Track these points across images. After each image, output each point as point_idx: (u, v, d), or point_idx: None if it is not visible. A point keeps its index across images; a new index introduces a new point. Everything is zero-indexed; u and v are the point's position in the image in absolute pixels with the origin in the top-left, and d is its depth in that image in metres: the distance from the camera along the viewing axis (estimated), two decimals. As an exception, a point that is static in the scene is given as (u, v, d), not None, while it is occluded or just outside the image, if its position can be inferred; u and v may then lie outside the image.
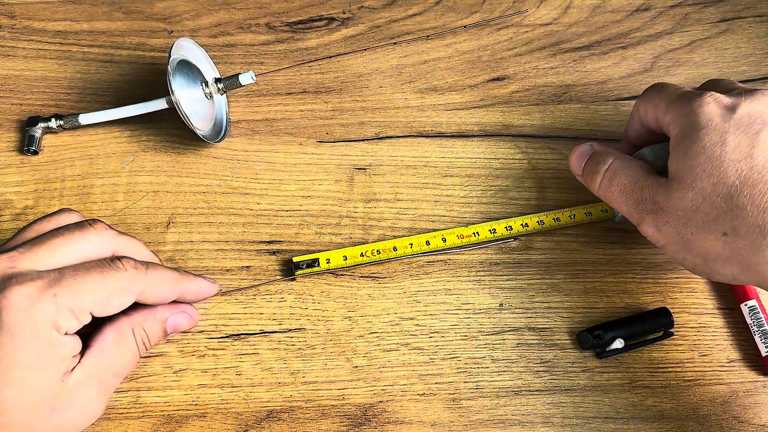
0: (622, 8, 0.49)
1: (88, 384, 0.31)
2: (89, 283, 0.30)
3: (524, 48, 0.47)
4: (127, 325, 0.33)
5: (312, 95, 0.45)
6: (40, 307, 0.29)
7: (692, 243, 0.33)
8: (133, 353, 0.34)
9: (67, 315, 0.30)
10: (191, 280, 0.36)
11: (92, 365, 0.32)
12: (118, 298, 0.32)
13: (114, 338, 0.33)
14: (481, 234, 0.40)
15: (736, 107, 0.32)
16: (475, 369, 0.38)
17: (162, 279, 0.34)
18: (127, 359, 0.33)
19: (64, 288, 0.30)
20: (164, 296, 0.34)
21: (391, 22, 0.48)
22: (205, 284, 0.36)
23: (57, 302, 0.29)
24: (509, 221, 0.41)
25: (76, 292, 0.30)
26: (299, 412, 0.36)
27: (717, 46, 0.47)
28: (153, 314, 0.34)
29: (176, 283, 0.34)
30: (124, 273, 0.32)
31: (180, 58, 0.41)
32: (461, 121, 0.45)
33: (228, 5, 0.48)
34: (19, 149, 0.43)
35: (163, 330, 0.35)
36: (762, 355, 0.38)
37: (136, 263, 0.33)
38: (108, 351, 0.32)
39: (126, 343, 0.33)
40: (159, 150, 0.43)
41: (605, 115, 0.45)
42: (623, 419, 0.37)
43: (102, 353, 0.32)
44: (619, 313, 0.39)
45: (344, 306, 0.39)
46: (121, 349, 0.33)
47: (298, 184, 0.42)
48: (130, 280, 0.32)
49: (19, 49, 0.46)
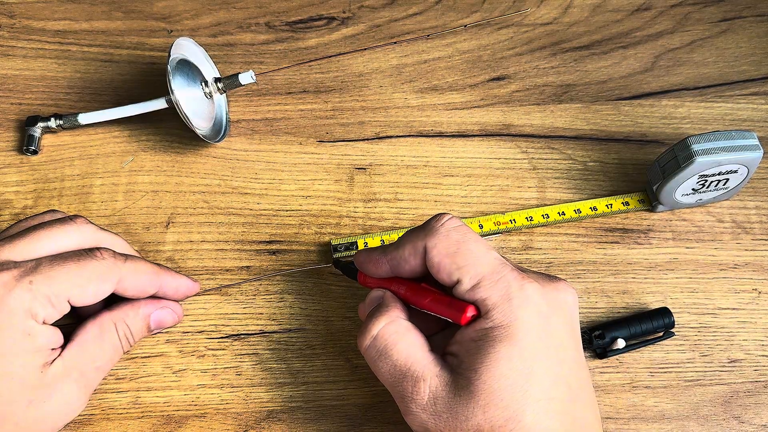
0: (623, 8, 0.49)
1: (69, 377, 0.31)
2: (66, 270, 0.30)
3: (525, 47, 0.47)
4: (109, 320, 0.33)
5: (312, 95, 0.45)
6: (15, 294, 0.29)
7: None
8: (115, 348, 0.33)
9: (44, 302, 0.30)
10: (172, 275, 0.35)
11: (72, 358, 0.31)
12: (96, 285, 0.31)
13: (96, 332, 0.33)
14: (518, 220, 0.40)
15: None
16: (475, 369, 0.38)
17: (141, 270, 0.33)
18: (109, 354, 0.33)
19: (40, 275, 0.30)
20: (143, 288, 0.34)
21: (391, 21, 0.48)
22: (186, 281, 0.36)
23: (32, 289, 0.29)
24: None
25: (52, 279, 0.30)
26: (299, 412, 0.36)
27: (718, 46, 0.47)
28: (136, 309, 0.34)
29: (156, 275, 0.34)
30: (101, 261, 0.32)
31: (180, 58, 0.41)
32: (461, 121, 0.44)
33: (228, 5, 0.48)
34: (18, 149, 0.43)
35: (147, 326, 0.35)
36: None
37: (115, 253, 0.32)
38: (89, 344, 0.32)
39: (108, 338, 0.33)
40: (159, 150, 0.43)
41: (605, 114, 0.45)
42: (623, 419, 0.37)
43: (83, 347, 0.32)
44: (619, 313, 0.39)
45: (344, 306, 0.39)
46: (102, 343, 0.33)
47: (298, 184, 0.42)
48: (108, 267, 0.32)
49: (19, 48, 0.46)
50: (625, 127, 0.45)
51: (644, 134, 0.44)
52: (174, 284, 0.35)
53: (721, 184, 0.39)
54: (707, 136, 0.37)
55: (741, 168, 0.38)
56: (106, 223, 0.40)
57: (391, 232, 0.40)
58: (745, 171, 0.38)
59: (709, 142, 0.37)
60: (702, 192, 0.40)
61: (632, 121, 0.45)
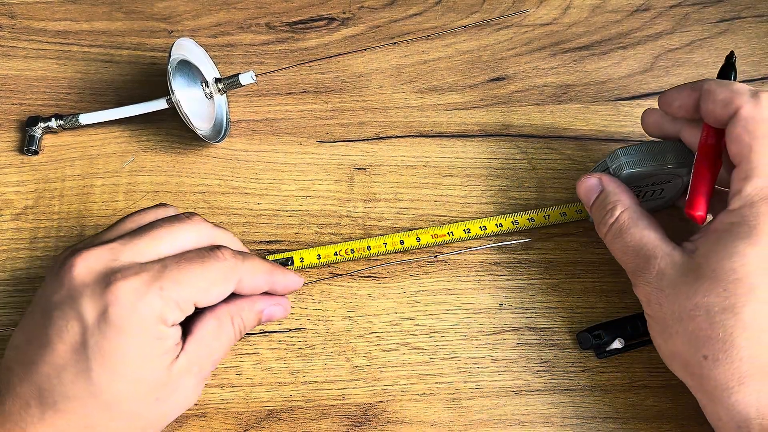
0: (622, 8, 0.49)
1: (190, 371, 0.31)
2: (192, 274, 0.30)
3: (524, 48, 0.47)
4: (227, 313, 0.33)
5: (312, 95, 0.45)
6: (146, 301, 0.29)
7: (672, 338, 0.31)
8: (230, 340, 0.33)
9: (173, 308, 0.30)
10: (283, 273, 0.35)
11: (194, 352, 0.31)
12: (219, 287, 0.31)
13: (214, 325, 0.32)
14: (455, 233, 0.40)
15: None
16: (475, 369, 0.38)
17: (257, 269, 0.33)
18: (225, 346, 0.33)
19: (169, 281, 0.30)
20: (259, 286, 0.34)
21: (391, 22, 0.48)
22: (295, 277, 0.36)
23: (163, 296, 0.29)
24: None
25: (181, 284, 0.30)
26: (299, 412, 0.36)
27: (717, 46, 0.47)
28: (252, 304, 0.34)
29: (270, 274, 0.34)
30: (224, 262, 0.31)
31: (180, 58, 0.41)
32: (461, 121, 0.45)
33: (228, 5, 0.48)
34: (19, 149, 0.43)
35: (258, 319, 0.35)
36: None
37: (234, 253, 0.32)
38: (208, 338, 0.32)
39: (225, 331, 0.33)
40: (159, 150, 0.43)
41: (605, 115, 0.45)
42: (623, 419, 0.37)
43: (203, 341, 0.32)
44: (619, 313, 0.39)
45: (344, 306, 0.39)
46: (220, 336, 0.33)
47: (298, 184, 0.42)
48: (230, 269, 0.32)
49: (20, 48, 0.46)
50: (625, 127, 0.45)
51: (644, 135, 0.44)
52: (284, 282, 0.35)
53: (657, 194, 0.38)
54: (638, 147, 0.36)
55: (674, 179, 0.37)
56: (107, 223, 0.40)
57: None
58: (679, 181, 0.37)
59: (638, 155, 0.36)
60: (642, 200, 0.38)
61: (632, 121, 0.45)
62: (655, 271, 0.32)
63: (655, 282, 0.32)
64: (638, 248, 0.33)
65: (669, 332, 0.31)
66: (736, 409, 0.29)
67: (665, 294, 0.31)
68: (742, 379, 0.29)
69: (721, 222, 0.31)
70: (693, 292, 0.30)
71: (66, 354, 0.29)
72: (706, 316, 0.30)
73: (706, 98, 0.33)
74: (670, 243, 0.33)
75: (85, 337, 0.28)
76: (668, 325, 0.31)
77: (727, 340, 0.29)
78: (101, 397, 0.29)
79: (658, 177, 0.36)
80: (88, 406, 0.29)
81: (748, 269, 0.29)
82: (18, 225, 0.40)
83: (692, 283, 0.30)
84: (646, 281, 0.32)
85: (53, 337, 0.29)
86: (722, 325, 0.29)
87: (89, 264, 0.30)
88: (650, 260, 0.32)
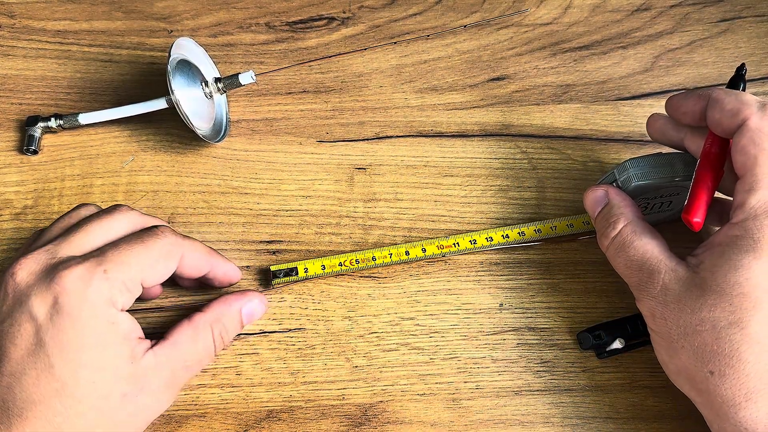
0: (622, 8, 0.49)
1: (159, 373, 0.31)
2: (133, 253, 0.31)
3: (524, 48, 0.47)
4: (204, 321, 0.33)
5: (312, 95, 0.45)
6: (94, 286, 0.29)
7: (677, 353, 0.31)
8: (207, 349, 0.33)
9: (121, 289, 0.30)
10: (221, 258, 0.36)
11: (164, 354, 0.32)
12: (163, 263, 0.32)
13: (190, 333, 0.33)
14: (461, 245, 0.40)
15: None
16: (475, 369, 0.38)
17: (197, 247, 0.34)
18: (201, 354, 0.33)
19: (112, 263, 0.30)
20: (200, 266, 0.34)
21: (391, 21, 0.48)
22: (233, 265, 0.36)
23: (109, 278, 0.30)
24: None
25: (124, 264, 0.30)
26: (299, 412, 0.36)
27: (717, 46, 0.47)
28: (228, 307, 0.34)
29: (209, 255, 0.34)
30: (165, 239, 0.32)
31: (180, 58, 0.41)
32: (461, 121, 0.45)
33: (228, 5, 0.48)
34: (18, 149, 0.43)
35: (240, 321, 0.35)
36: None
37: (173, 231, 0.33)
38: (183, 344, 0.32)
39: (201, 338, 0.33)
40: (159, 150, 0.43)
41: (605, 114, 0.45)
42: (623, 419, 0.37)
43: (176, 345, 0.32)
44: (619, 313, 0.39)
45: (344, 306, 0.39)
46: (196, 344, 0.33)
47: (298, 183, 0.42)
48: (172, 244, 0.32)
49: (19, 48, 0.46)
50: (625, 127, 0.45)
51: (644, 134, 0.44)
52: (224, 267, 0.35)
53: (665, 206, 0.38)
54: (647, 159, 0.35)
55: (683, 191, 0.36)
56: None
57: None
58: (687, 194, 0.36)
59: (647, 167, 0.35)
60: (648, 213, 0.38)
61: (632, 121, 0.45)
62: (659, 286, 0.31)
63: (660, 296, 0.31)
64: (641, 263, 0.32)
65: (674, 347, 0.31)
66: (744, 425, 0.29)
67: (670, 309, 0.31)
68: (749, 395, 0.29)
69: (724, 235, 0.31)
70: (698, 306, 0.30)
71: (23, 359, 0.29)
72: (712, 330, 0.29)
73: (714, 107, 0.32)
74: (673, 257, 0.32)
75: (40, 336, 0.29)
76: (673, 340, 0.31)
77: (734, 355, 0.29)
78: (66, 391, 0.29)
79: (666, 189, 0.36)
80: (54, 406, 0.29)
81: (754, 283, 0.29)
82: (17, 225, 0.40)
83: (697, 297, 0.30)
84: (650, 296, 0.32)
85: (8, 347, 0.29)
86: (728, 340, 0.29)
87: (30, 268, 0.30)
88: (654, 275, 0.32)
